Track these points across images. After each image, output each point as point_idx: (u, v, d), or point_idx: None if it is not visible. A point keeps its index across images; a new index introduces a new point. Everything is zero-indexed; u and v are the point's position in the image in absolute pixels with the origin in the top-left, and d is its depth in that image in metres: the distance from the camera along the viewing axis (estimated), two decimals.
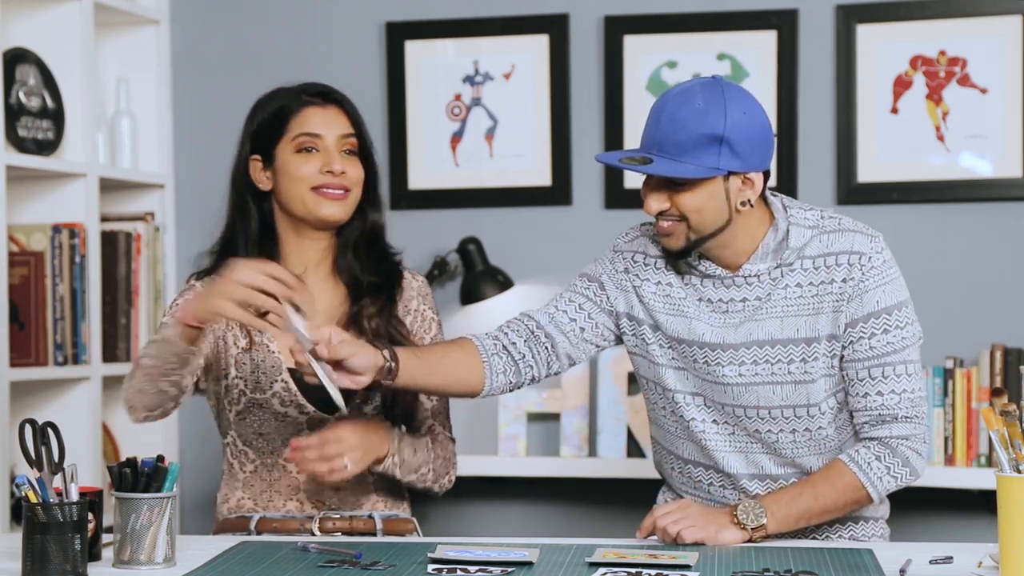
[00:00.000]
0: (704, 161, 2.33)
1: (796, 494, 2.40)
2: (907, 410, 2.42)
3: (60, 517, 2.09)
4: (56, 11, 3.61)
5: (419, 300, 2.69)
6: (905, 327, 2.42)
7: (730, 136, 2.33)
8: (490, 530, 3.78)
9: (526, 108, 3.84)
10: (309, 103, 2.61)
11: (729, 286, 2.46)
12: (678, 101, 2.36)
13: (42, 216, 3.61)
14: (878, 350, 2.41)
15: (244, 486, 2.66)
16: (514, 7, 3.85)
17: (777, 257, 2.43)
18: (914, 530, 3.49)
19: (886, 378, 2.41)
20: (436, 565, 2.16)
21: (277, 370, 2.60)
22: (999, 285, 3.67)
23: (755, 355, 2.44)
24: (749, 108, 2.36)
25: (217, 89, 3.96)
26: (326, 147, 2.59)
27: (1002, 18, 3.64)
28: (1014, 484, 1.95)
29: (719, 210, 2.38)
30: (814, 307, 2.42)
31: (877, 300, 2.41)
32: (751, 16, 3.75)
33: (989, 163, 3.66)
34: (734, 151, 2.34)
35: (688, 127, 2.33)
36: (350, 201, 2.61)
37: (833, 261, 2.42)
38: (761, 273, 2.44)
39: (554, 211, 3.85)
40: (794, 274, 2.43)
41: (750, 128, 2.35)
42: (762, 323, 2.44)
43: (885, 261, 2.43)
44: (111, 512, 2.26)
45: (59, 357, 3.54)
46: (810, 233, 2.43)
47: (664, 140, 2.35)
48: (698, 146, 2.33)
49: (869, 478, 2.40)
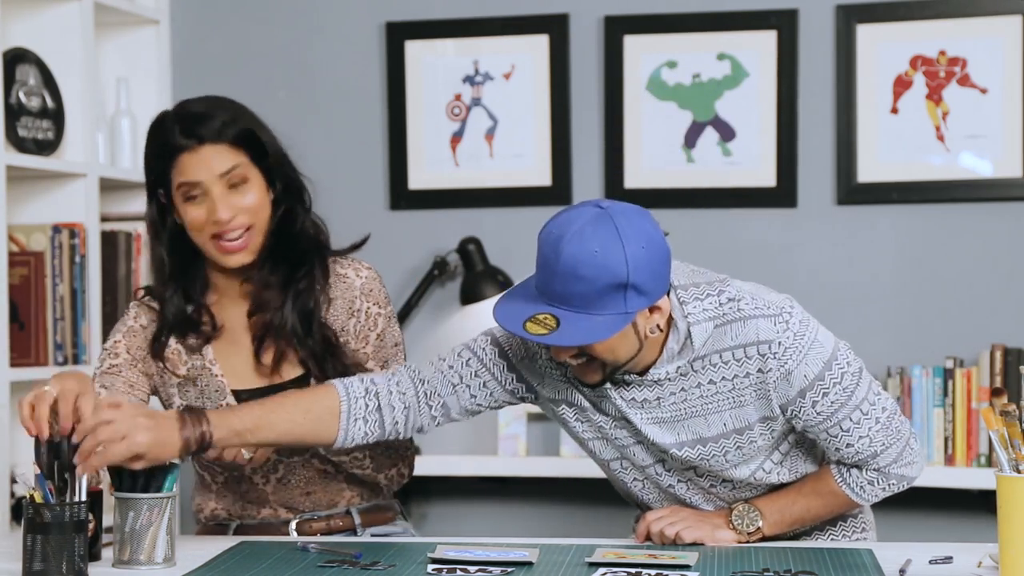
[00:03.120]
0: (611, 309, 2.18)
1: (790, 502, 2.39)
2: (883, 441, 2.34)
3: (60, 517, 2.09)
4: (56, 11, 3.61)
5: (362, 298, 2.58)
6: (842, 379, 2.30)
7: (634, 279, 2.18)
8: (490, 530, 3.78)
9: (526, 108, 3.84)
10: (181, 149, 2.46)
11: (643, 387, 2.34)
12: (571, 250, 2.18)
13: (42, 216, 3.61)
14: (825, 412, 2.30)
15: (217, 496, 2.62)
16: (514, 7, 3.85)
17: (683, 357, 2.31)
18: (914, 530, 3.48)
19: (847, 431, 2.32)
20: (436, 565, 2.16)
21: (221, 394, 2.54)
22: (999, 285, 3.67)
23: (688, 454, 2.36)
24: (647, 235, 2.20)
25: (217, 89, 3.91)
26: (208, 191, 2.46)
27: (1002, 18, 3.64)
28: (1014, 484, 1.95)
29: (630, 345, 2.25)
30: (734, 400, 2.32)
31: (804, 375, 2.29)
32: (751, 16, 3.75)
33: (989, 163, 3.66)
34: (640, 291, 2.19)
35: (589, 279, 2.17)
36: (253, 239, 2.50)
37: (742, 354, 2.29)
38: (671, 375, 2.32)
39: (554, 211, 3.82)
40: (705, 372, 2.32)
41: (650, 260, 2.19)
42: (687, 422, 2.35)
43: (795, 334, 2.29)
44: (111, 512, 2.26)
45: (59, 357, 3.54)
46: (711, 326, 2.29)
47: (566, 293, 2.19)
48: (603, 295, 2.18)
49: (863, 498, 2.39)
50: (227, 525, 2.61)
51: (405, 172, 3.89)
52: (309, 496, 2.59)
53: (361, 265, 2.61)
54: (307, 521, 2.58)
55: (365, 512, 2.61)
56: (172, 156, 2.47)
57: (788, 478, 2.42)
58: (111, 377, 2.53)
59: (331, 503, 2.60)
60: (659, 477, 2.43)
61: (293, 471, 2.57)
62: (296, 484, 2.58)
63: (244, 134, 2.49)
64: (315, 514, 2.59)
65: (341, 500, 2.61)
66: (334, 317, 2.57)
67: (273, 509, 2.59)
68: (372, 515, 2.62)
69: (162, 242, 2.54)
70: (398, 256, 3.86)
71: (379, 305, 2.59)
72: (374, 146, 3.91)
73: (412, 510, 2.76)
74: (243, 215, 2.47)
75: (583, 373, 2.30)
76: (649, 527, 2.36)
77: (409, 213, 3.89)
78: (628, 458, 2.43)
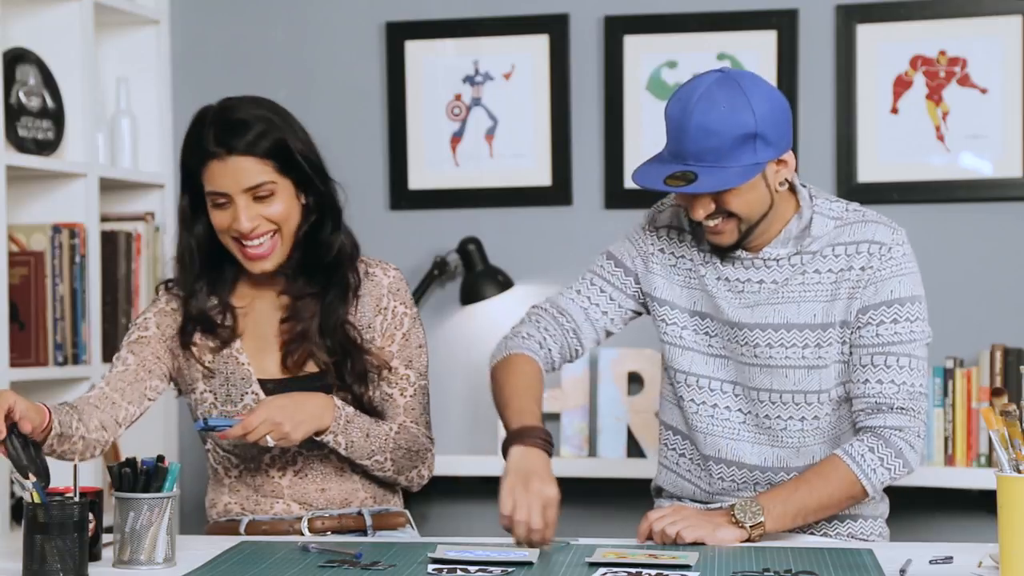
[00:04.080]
0: (743, 160, 2.36)
1: (791, 490, 2.41)
2: (904, 401, 2.43)
3: (60, 517, 2.09)
4: (56, 11, 3.61)
5: (389, 296, 2.64)
6: (915, 321, 2.45)
7: (762, 129, 2.36)
8: (490, 530, 3.77)
9: (526, 108, 3.84)
10: (211, 156, 2.51)
11: (748, 267, 2.49)
12: (702, 108, 2.35)
13: (42, 216, 3.61)
14: (884, 338, 2.43)
15: (230, 491, 2.65)
16: (514, 7, 3.85)
17: (798, 244, 2.47)
18: (914, 530, 3.49)
19: (888, 367, 2.43)
20: (436, 565, 2.16)
21: (247, 382, 2.59)
22: (999, 285, 3.67)
23: (769, 338, 2.47)
24: (768, 93, 2.40)
25: (217, 89, 3.91)
26: (234, 202, 2.52)
27: (1002, 18, 3.64)
28: (1014, 484, 1.95)
29: (763, 198, 2.42)
30: (831, 293, 2.45)
31: (891, 290, 2.44)
32: (751, 16, 3.75)
33: (989, 163, 3.66)
34: (768, 142, 2.37)
35: (721, 133, 2.34)
36: (278, 244, 2.55)
37: (854, 250, 2.46)
38: (780, 258, 2.48)
39: (554, 211, 3.85)
40: (814, 261, 2.46)
41: (775, 113, 2.39)
42: (777, 307, 2.47)
43: (905, 254, 2.47)
44: (111, 512, 2.26)
45: (59, 357, 3.54)
46: (833, 224, 2.47)
47: (699, 150, 2.35)
48: (735, 147, 2.35)
49: (863, 470, 2.40)
50: (238, 521, 2.62)
51: (405, 172, 3.89)
52: (324, 492, 2.61)
53: (388, 266, 2.68)
54: (319, 518, 2.60)
55: (377, 515, 2.64)
56: (203, 160, 2.53)
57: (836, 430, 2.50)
58: (140, 346, 2.60)
59: (344, 502, 2.63)
60: (724, 395, 2.53)
61: (311, 465, 2.61)
62: (312, 479, 2.61)
63: (276, 145, 2.53)
64: (327, 512, 2.61)
65: (355, 500, 2.64)
66: (361, 314, 2.63)
67: (286, 504, 2.61)
68: (384, 518, 2.65)
69: (192, 234, 2.60)
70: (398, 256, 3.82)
71: (405, 305, 2.66)
72: (374, 146, 3.91)
73: (412, 510, 2.76)
74: (266, 223, 2.53)
75: (719, 234, 2.44)
76: (652, 525, 2.37)
77: (409, 213, 3.89)
78: (704, 374, 2.53)
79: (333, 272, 2.61)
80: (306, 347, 2.59)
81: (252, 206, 2.52)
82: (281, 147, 2.53)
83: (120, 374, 2.57)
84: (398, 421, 2.64)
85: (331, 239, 2.61)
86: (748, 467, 2.53)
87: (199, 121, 2.56)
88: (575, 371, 3.72)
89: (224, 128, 2.52)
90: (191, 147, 2.56)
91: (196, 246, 2.60)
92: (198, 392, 2.62)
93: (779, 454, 2.52)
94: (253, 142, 2.51)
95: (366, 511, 2.63)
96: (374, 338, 2.62)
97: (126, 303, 3.79)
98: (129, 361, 2.58)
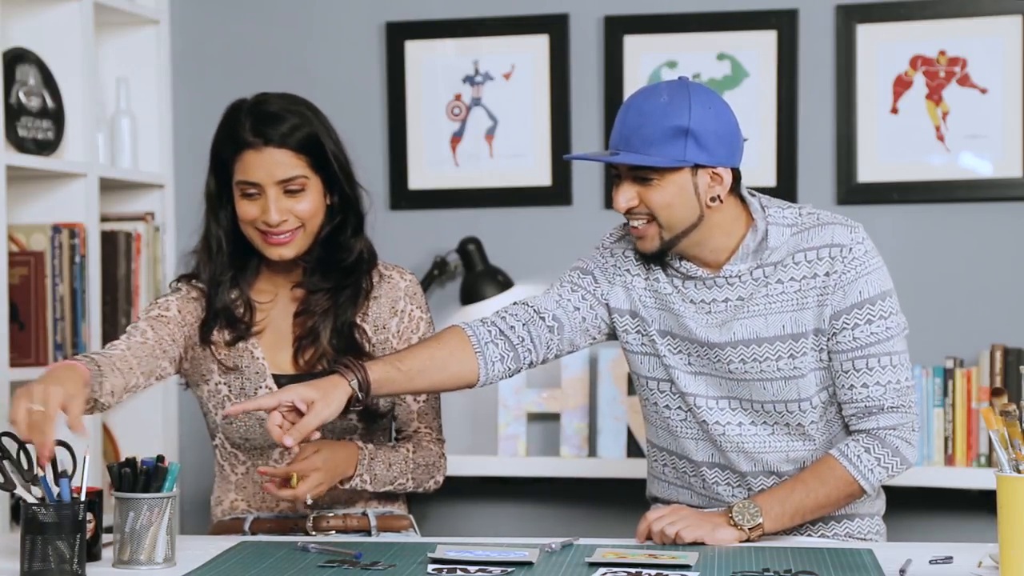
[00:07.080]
0: (670, 153, 2.35)
1: (788, 491, 2.41)
2: (893, 400, 2.43)
3: (60, 517, 2.09)
4: (56, 11, 3.61)
5: (406, 300, 2.67)
6: (888, 317, 2.44)
7: (695, 129, 2.35)
8: (490, 530, 3.78)
9: (526, 108, 3.84)
10: (247, 146, 2.53)
11: (711, 287, 2.47)
12: (643, 97, 2.39)
13: (42, 216, 3.61)
14: (861, 341, 2.42)
15: (236, 488, 2.66)
16: (514, 7, 3.85)
17: (757, 257, 2.45)
18: (914, 530, 3.49)
19: (871, 370, 2.43)
20: (436, 565, 2.16)
21: (262, 376, 2.61)
22: (999, 285, 3.67)
23: (742, 354, 2.45)
24: (715, 104, 2.39)
25: (217, 89, 3.95)
26: (265, 193, 2.53)
27: (1002, 18, 3.64)
28: (1014, 484, 1.95)
29: (689, 206, 2.39)
30: (797, 303, 2.44)
31: (860, 291, 2.42)
32: (751, 16, 3.75)
33: (989, 163, 3.66)
34: (700, 144, 2.36)
35: (652, 120, 2.35)
36: (300, 237, 2.57)
37: (815, 255, 2.43)
38: (742, 273, 2.45)
39: (554, 211, 3.85)
40: (776, 272, 2.44)
41: (716, 122, 2.38)
42: (745, 322, 2.45)
43: (867, 251, 2.45)
44: (111, 512, 2.26)
45: (59, 357, 3.53)
46: (789, 231, 2.45)
47: (630, 135, 2.37)
48: (664, 139, 2.35)
49: (860, 471, 2.41)
50: (243, 519, 2.62)
51: (405, 172, 3.89)
52: (330, 492, 2.62)
53: (405, 271, 2.71)
54: (324, 517, 2.60)
55: (382, 517, 2.65)
56: (238, 149, 2.54)
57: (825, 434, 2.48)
58: (160, 324, 2.58)
59: (350, 500, 2.65)
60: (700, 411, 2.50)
61: None
62: None
63: (310, 140, 2.55)
64: (334, 511, 2.61)
65: (360, 500, 2.65)
66: (376, 314, 2.64)
67: (292, 501, 2.61)
68: (388, 520, 2.66)
69: (220, 223, 2.60)
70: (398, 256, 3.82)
71: (421, 310, 2.68)
72: (374, 146, 3.91)
73: (412, 510, 2.77)
74: (294, 218, 2.55)
75: (640, 238, 2.42)
76: (651, 525, 2.37)
77: (409, 213, 3.89)
78: (673, 380, 2.50)
79: (348, 275, 2.63)
80: (317, 347, 2.60)
81: (282, 199, 2.54)
82: (315, 143, 2.56)
83: (139, 345, 2.52)
84: (412, 431, 2.68)
85: (351, 243, 2.63)
86: (740, 473, 2.53)
87: (234, 111, 2.57)
88: (575, 371, 3.72)
89: (260, 119, 2.54)
90: (225, 136, 2.57)
91: (224, 236, 2.61)
92: (212, 384, 2.62)
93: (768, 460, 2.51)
94: (288, 134, 2.54)
95: (371, 512, 2.64)
96: (388, 339, 2.64)
97: (126, 303, 3.79)
98: (148, 335, 2.54)
